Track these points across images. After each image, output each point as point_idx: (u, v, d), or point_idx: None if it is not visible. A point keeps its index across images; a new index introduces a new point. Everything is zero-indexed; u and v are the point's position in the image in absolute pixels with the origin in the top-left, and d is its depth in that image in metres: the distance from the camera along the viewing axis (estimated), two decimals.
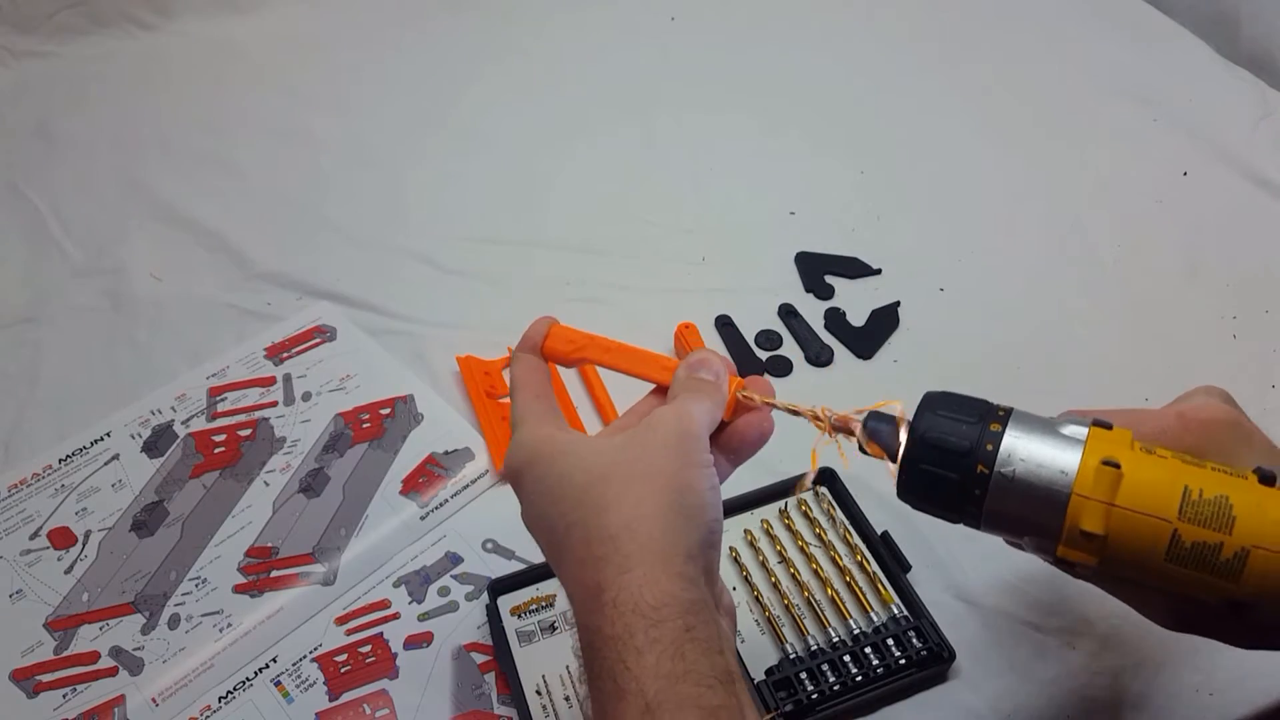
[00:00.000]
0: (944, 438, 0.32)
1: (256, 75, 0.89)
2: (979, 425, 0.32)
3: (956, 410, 0.33)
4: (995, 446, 0.32)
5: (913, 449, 0.33)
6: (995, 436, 0.32)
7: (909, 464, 0.33)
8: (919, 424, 0.33)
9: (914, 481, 0.33)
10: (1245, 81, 0.85)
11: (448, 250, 0.71)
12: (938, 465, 0.32)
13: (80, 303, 0.67)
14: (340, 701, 0.46)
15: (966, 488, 0.32)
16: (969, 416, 0.33)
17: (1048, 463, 0.31)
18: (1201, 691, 0.46)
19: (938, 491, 0.33)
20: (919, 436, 0.33)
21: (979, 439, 0.32)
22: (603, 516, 0.30)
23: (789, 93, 0.87)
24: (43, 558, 0.52)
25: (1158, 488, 0.30)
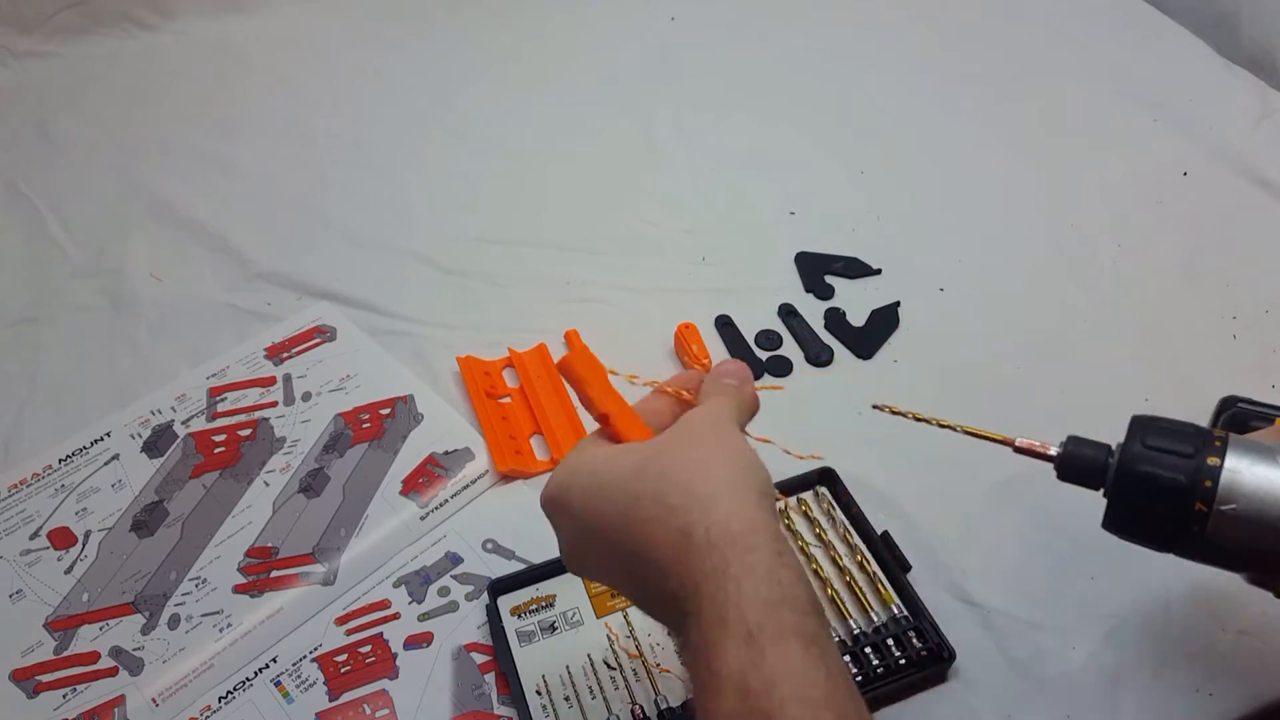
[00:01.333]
0: (1157, 474, 0.31)
1: (257, 75, 0.89)
2: (1195, 459, 0.30)
3: (1169, 440, 0.31)
4: (1214, 482, 0.30)
5: (1123, 484, 0.31)
6: (1214, 471, 0.30)
7: (1119, 500, 0.32)
8: (1128, 456, 0.31)
9: (1124, 518, 0.32)
10: (1245, 81, 0.85)
11: (448, 250, 0.71)
12: (1152, 502, 0.31)
13: (80, 303, 0.67)
14: (340, 701, 0.46)
15: (1184, 525, 0.30)
16: (1183, 448, 0.31)
17: (1275, 496, 0.29)
18: (1201, 691, 0.46)
19: (1150, 528, 0.31)
20: (1130, 471, 0.31)
21: (1196, 474, 0.30)
22: (669, 476, 0.31)
23: (789, 93, 0.87)
24: (43, 558, 0.52)
25: None
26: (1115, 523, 0.32)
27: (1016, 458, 0.55)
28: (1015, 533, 0.53)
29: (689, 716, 0.44)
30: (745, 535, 0.29)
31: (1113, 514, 0.32)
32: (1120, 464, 0.31)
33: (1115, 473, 0.31)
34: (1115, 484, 0.31)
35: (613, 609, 0.49)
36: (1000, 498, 0.54)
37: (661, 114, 0.84)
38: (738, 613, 0.27)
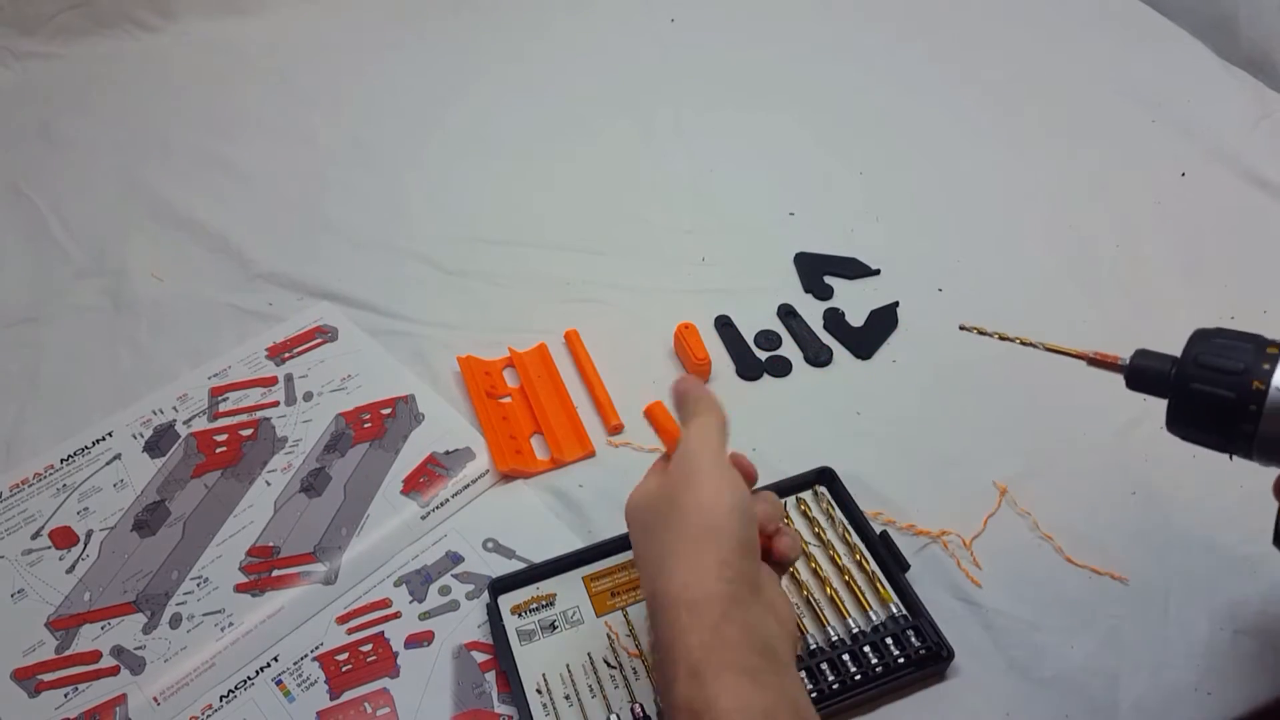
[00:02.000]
0: (1218, 359, 0.34)
1: (258, 76, 0.89)
2: (1253, 348, 0.33)
3: (1229, 339, 0.34)
4: (1273, 365, 0.32)
5: (1186, 370, 0.34)
6: (1273, 358, 0.33)
7: (1180, 386, 0.34)
8: (1192, 349, 0.35)
9: (1186, 404, 0.34)
10: (1244, 82, 0.85)
11: (448, 250, 0.71)
12: (1212, 384, 0.33)
13: (82, 303, 0.67)
14: (341, 700, 0.47)
15: (1242, 405, 0.33)
16: (1243, 343, 0.34)
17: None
18: (1200, 690, 0.46)
19: (1211, 413, 0.33)
20: (1193, 359, 0.34)
21: (1254, 359, 0.33)
22: (650, 538, 0.38)
23: (788, 93, 0.87)
24: (44, 557, 0.52)
25: None
26: (1177, 412, 0.35)
27: (1015, 457, 0.56)
28: (1014, 532, 0.53)
29: None
30: (696, 603, 0.34)
31: (1175, 402, 0.35)
32: (1185, 355, 0.35)
33: (1177, 369, 0.34)
34: (1179, 372, 0.34)
35: (613, 608, 0.49)
36: (998, 498, 0.54)
37: (661, 114, 0.84)
38: (685, 653, 0.33)
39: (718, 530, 0.36)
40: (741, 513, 0.36)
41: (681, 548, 0.36)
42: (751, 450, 0.57)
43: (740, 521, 0.36)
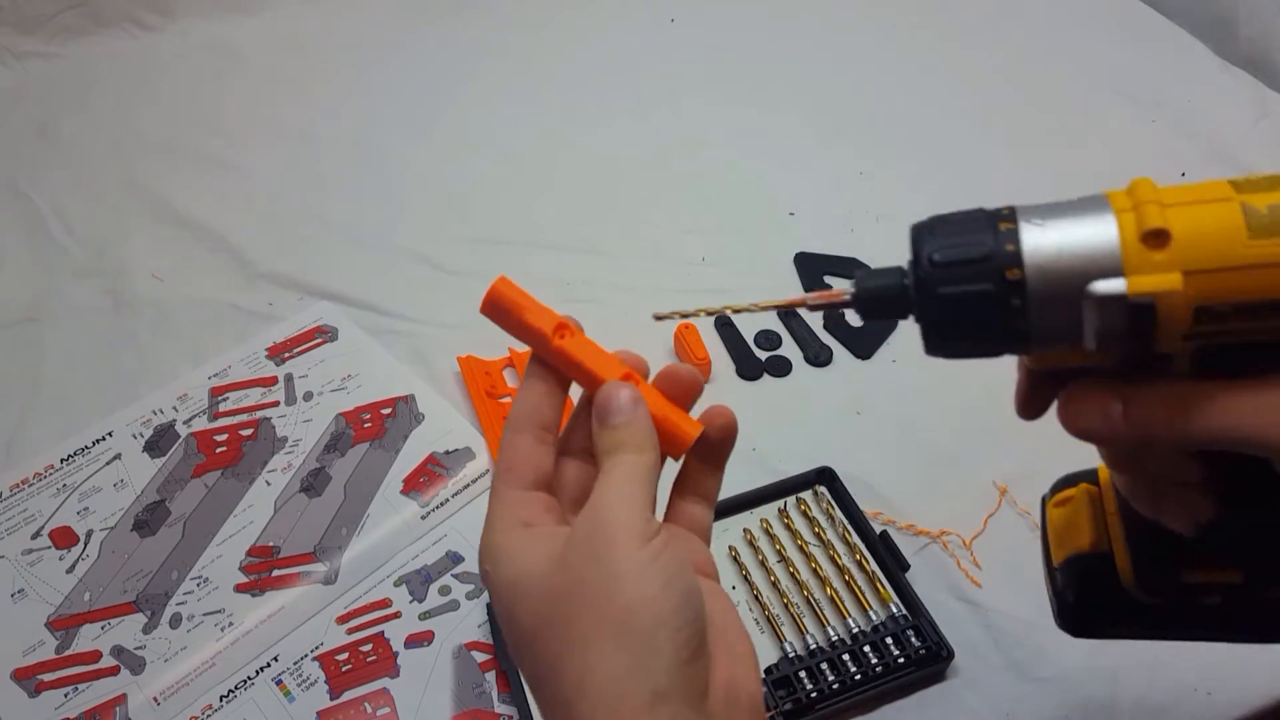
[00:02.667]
0: (956, 253, 0.27)
1: (257, 76, 0.89)
2: (989, 230, 0.27)
3: (956, 226, 0.28)
4: (1016, 243, 0.26)
5: (925, 279, 0.27)
6: (1010, 234, 0.26)
7: (926, 299, 0.27)
8: (922, 249, 0.28)
9: (939, 318, 0.28)
10: (1243, 82, 0.85)
11: (448, 250, 0.71)
12: (962, 284, 0.27)
13: (82, 303, 0.67)
14: (341, 700, 0.47)
15: (1004, 300, 0.26)
16: (973, 225, 0.28)
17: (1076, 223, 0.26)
18: (1200, 691, 0.46)
19: (972, 317, 0.27)
20: (928, 260, 0.27)
21: (996, 241, 0.26)
22: (556, 675, 0.26)
23: (788, 93, 0.87)
24: (44, 557, 0.52)
25: (1195, 187, 0.25)
26: (936, 334, 0.28)
27: (1015, 457, 0.56)
28: (1014, 531, 0.53)
29: None
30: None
31: (928, 324, 0.28)
32: (917, 271, 0.28)
33: (915, 282, 0.28)
34: (919, 294, 0.27)
35: None
36: (998, 497, 0.54)
37: (662, 114, 0.84)
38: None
39: (647, 637, 0.25)
40: (681, 606, 0.25)
41: (596, 660, 0.25)
42: (751, 450, 0.57)
43: (678, 619, 0.25)
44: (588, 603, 0.26)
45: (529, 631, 0.26)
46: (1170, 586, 0.30)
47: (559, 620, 0.26)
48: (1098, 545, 0.33)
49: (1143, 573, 0.31)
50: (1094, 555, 0.33)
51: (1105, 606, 0.33)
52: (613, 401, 0.29)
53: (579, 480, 0.31)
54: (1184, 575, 0.30)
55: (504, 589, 0.27)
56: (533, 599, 0.27)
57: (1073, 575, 0.34)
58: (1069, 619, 0.34)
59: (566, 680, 0.25)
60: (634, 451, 0.29)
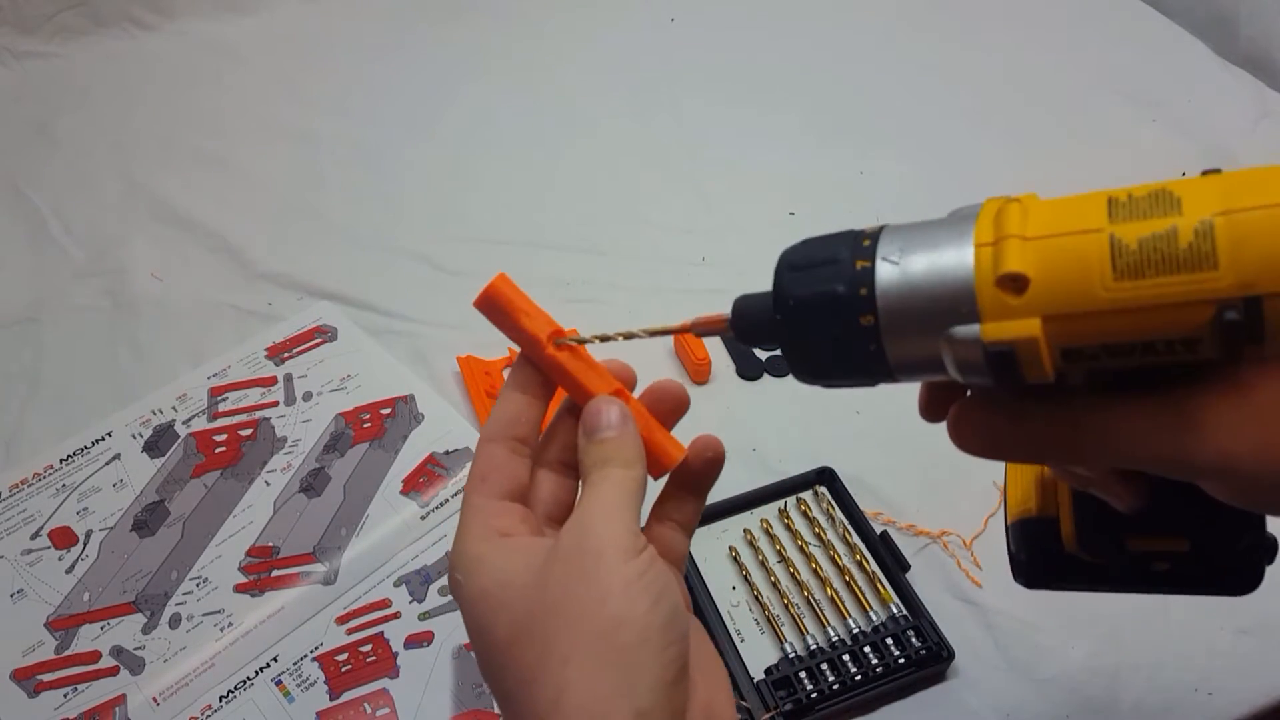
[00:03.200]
0: (810, 292, 0.26)
1: (257, 75, 0.89)
2: (845, 266, 0.25)
3: (815, 258, 0.27)
4: (870, 287, 0.25)
5: (785, 317, 0.27)
6: (865, 275, 0.25)
7: (788, 341, 0.27)
8: (780, 288, 0.27)
9: (804, 358, 0.27)
10: (1243, 82, 0.85)
11: (448, 250, 0.71)
12: (817, 325, 0.26)
13: (81, 303, 0.67)
14: (341, 701, 0.46)
15: (862, 345, 0.25)
16: (831, 259, 0.26)
17: (935, 257, 0.24)
18: (1200, 691, 0.46)
19: (832, 355, 0.26)
20: (786, 298, 0.26)
21: (850, 282, 0.25)
22: (530, 690, 0.24)
23: (789, 93, 0.87)
24: (44, 557, 0.52)
25: (1073, 205, 0.23)
26: (800, 369, 0.27)
27: None
28: None
29: None
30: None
31: (791, 358, 0.27)
32: (776, 303, 0.27)
33: (772, 315, 0.27)
34: (782, 331, 0.27)
35: None
36: (998, 497, 0.54)
37: (661, 114, 0.84)
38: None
39: (633, 654, 0.24)
40: (668, 624, 0.25)
41: (576, 676, 0.24)
42: (751, 450, 0.57)
43: (665, 638, 0.24)
44: (570, 617, 0.24)
45: (502, 644, 0.25)
46: (1115, 554, 0.30)
47: (538, 633, 0.25)
48: (1045, 509, 0.33)
49: (1087, 541, 0.31)
50: (1042, 519, 0.33)
51: (1054, 565, 0.33)
52: (602, 416, 0.29)
53: (555, 493, 0.30)
54: (1129, 543, 0.29)
55: (478, 599, 0.26)
56: (509, 610, 0.26)
57: (1022, 536, 0.34)
58: (1021, 574, 0.35)
59: (541, 696, 0.24)
60: (622, 466, 0.28)
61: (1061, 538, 0.32)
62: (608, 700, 0.23)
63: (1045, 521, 0.33)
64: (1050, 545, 0.32)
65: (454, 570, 0.28)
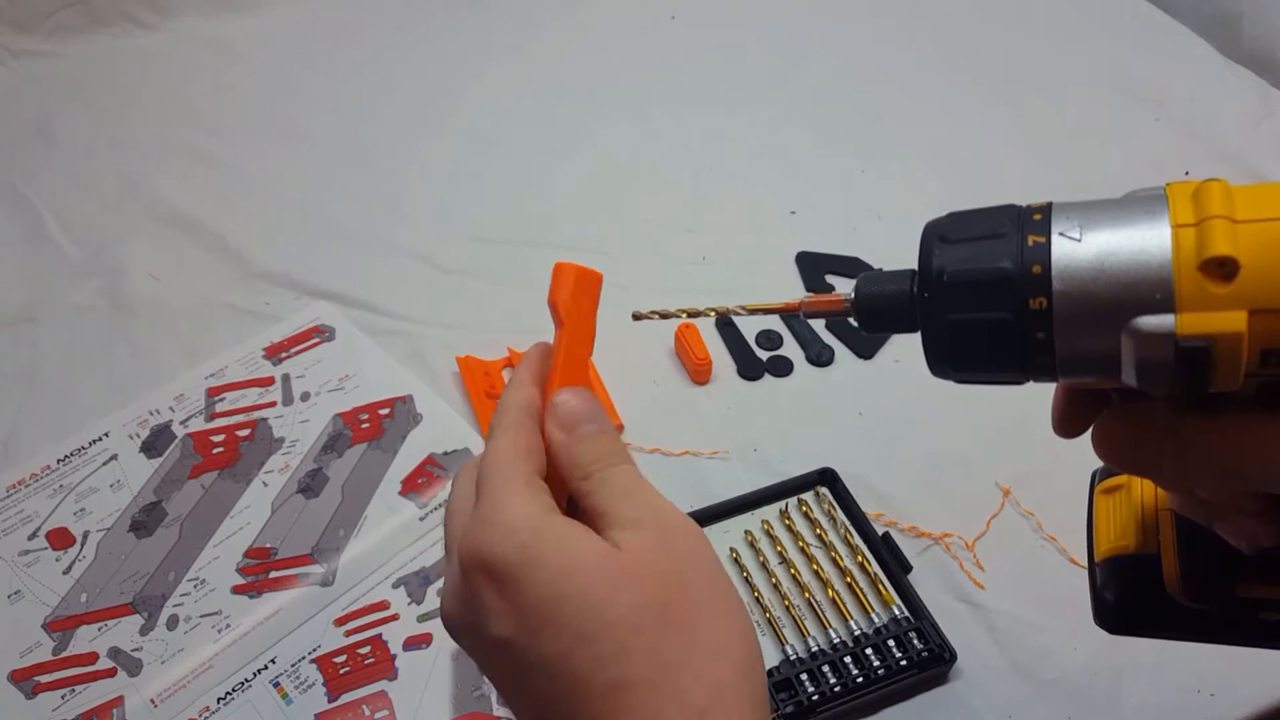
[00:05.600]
0: (970, 270, 0.22)
1: (255, 74, 0.88)
2: (1013, 241, 0.22)
3: (975, 232, 0.23)
4: (1045, 264, 0.21)
5: (933, 299, 0.23)
6: (1039, 251, 0.21)
7: (932, 320, 0.23)
8: (932, 260, 0.23)
9: (947, 343, 0.24)
10: (1247, 81, 0.85)
11: (447, 250, 0.71)
12: (975, 310, 0.22)
13: (78, 302, 0.67)
14: (339, 703, 0.46)
15: (1026, 333, 0.22)
16: (995, 233, 0.23)
17: (1122, 236, 0.21)
18: (1203, 692, 0.46)
19: (986, 347, 0.23)
20: (938, 276, 0.23)
21: (1020, 258, 0.22)
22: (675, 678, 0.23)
23: (789, 91, 0.87)
24: (41, 558, 0.52)
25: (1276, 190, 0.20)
26: (942, 358, 0.24)
27: (1018, 458, 0.56)
28: (1018, 533, 0.52)
29: None
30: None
31: (935, 346, 0.24)
32: (923, 276, 0.23)
33: (920, 291, 0.23)
34: (924, 314, 0.23)
35: None
36: (1001, 498, 0.54)
37: (662, 113, 0.84)
38: None
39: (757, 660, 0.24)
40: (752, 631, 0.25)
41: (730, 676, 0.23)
42: (752, 451, 0.57)
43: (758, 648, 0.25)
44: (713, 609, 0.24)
45: (626, 625, 0.23)
46: (1223, 599, 0.28)
47: (679, 620, 0.23)
48: (1144, 546, 0.29)
49: (1192, 583, 0.28)
50: (1139, 557, 0.29)
51: (1148, 610, 0.30)
52: (575, 409, 0.28)
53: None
54: (1239, 589, 0.27)
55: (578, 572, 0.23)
56: (638, 588, 0.23)
57: (1113, 575, 0.30)
58: (1106, 618, 0.31)
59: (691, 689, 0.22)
60: (622, 457, 0.27)
61: (1162, 578, 0.29)
62: (759, 692, 0.24)
63: (1144, 560, 0.29)
64: (1146, 586, 0.29)
65: (510, 559, 0.24)
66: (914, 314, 0.25)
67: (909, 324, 0.25)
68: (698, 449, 0.57)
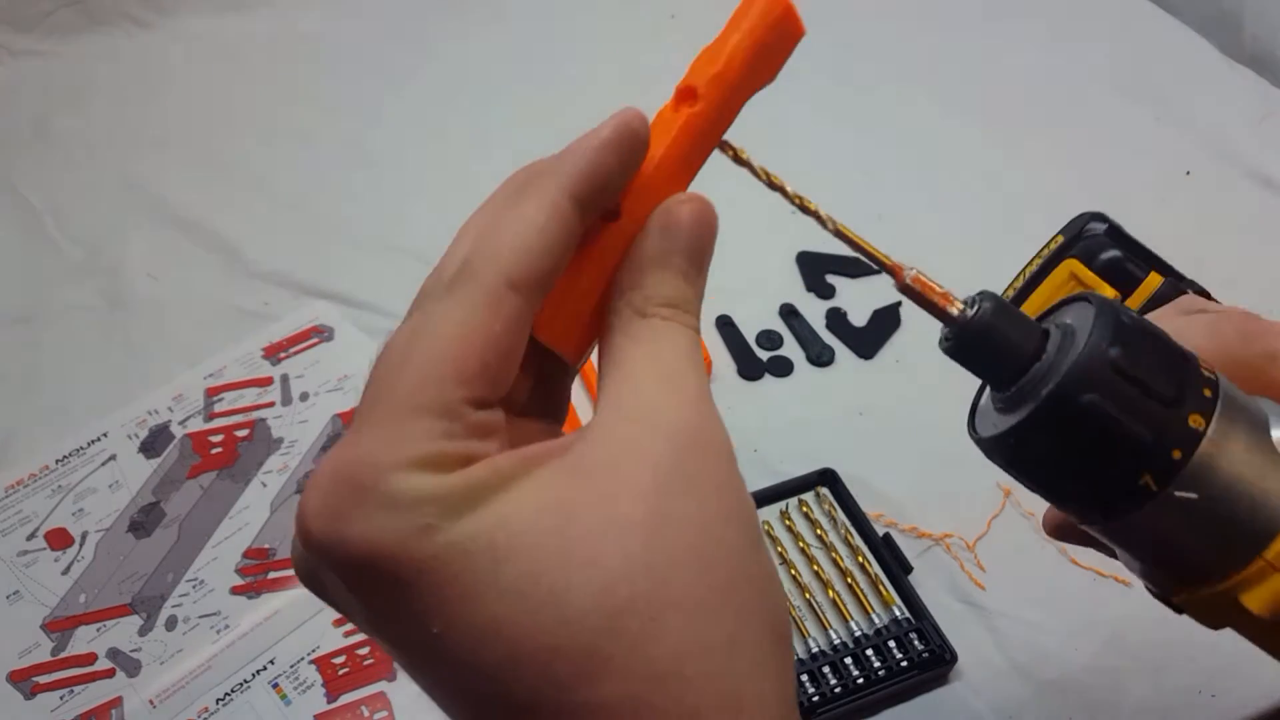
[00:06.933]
0: (1117, 419, 0.19)
1: (254, 73, 0.88)
2: (1174, 411, 0.19)
3: (1147, 367, 0.20)
4: (1186, 455, 0.19)
5: (1055, 411, 0.20)
6: (1191, 438, 0.19)
7: (1035, 428, 0.20)
8: (1083, 374, 0.20)
9: (1031, 455, 0.21)
10: (1248, 80, 0.85)
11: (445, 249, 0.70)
12: (1085, 453, 0.20)
13: (77, 302, 0.67)
14: (338, 703, 0.46)
15: (1114, 494, 0.20)
16: (1163, 385, 0.19)
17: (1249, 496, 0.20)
18: (1204, 693, 0.46)
19: (1063, 481, 0.21)
20: (1076, 399, 0.19)
21: (1166, 433, 0.19)
22: (674, 690, 0.15)
23: (789, 90, 0.86)
24: (40, 559, 0.52)
25: None
26: (1012, 454, 0.21)
27: None
28: (1018, 533, 0.52)
29: None
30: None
31: (1015, 443, 0.20)
32: (1065, 380, 0.19)
33: (1049, 389, 0.20)
34: (1041, 403, 0.20)
35: None
36: (1002, 499, 0.54)
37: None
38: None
39: (782, 619, 0.18)
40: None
41: (748, 667, 0.16)
42: (753, 451, 0.56)
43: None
44: (728, 574, 0.16)
45: (599, 618, 0.15)
46: None
47: (672, 596, 0.16)
48: None
49: None
50: None
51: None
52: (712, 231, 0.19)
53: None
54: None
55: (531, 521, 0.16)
56: (606, 559, 0.16)
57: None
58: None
59: (707, 685, 0.15)
60: (695, 322, 0.19)
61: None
62: (788, 697, 0.17)
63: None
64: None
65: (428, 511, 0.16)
66: (1013, 379, 0.21)
67: (999, 383, 0.21)
68: None
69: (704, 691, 0.15)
